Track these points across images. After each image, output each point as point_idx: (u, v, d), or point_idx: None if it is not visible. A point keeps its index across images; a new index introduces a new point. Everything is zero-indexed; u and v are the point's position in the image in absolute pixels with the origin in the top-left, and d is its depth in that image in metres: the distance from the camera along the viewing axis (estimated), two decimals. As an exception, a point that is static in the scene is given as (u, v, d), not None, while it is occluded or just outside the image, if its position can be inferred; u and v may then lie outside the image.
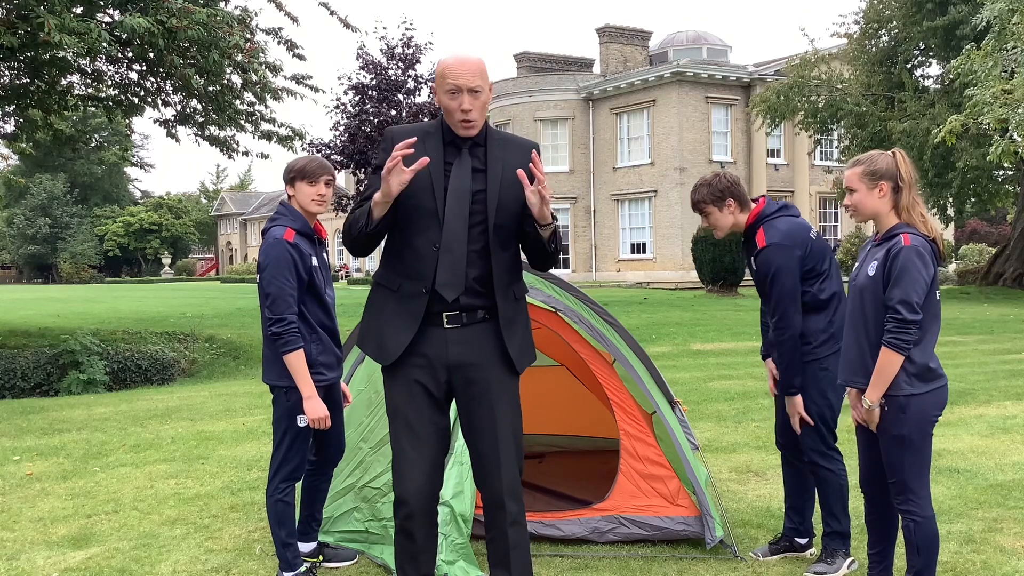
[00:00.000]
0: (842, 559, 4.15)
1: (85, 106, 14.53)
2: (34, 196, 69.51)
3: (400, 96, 25.29)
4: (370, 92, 25.02)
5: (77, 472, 6.40)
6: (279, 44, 13.02)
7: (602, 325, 4.98)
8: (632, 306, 21.00)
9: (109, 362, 13.15)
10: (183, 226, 74.70)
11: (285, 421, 3.99)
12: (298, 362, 3.87)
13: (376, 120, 24.60)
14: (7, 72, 13.19)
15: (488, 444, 3.16)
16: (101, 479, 6.18)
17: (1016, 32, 17.02)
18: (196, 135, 14.21)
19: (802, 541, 4.38)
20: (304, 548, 4.25)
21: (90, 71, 13.31)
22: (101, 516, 5.26)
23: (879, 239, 3.55)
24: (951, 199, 27.28)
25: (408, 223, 3.10)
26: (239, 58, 11.24)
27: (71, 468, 6.54)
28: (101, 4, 11.19)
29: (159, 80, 13.10)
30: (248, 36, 11.71)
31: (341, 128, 25.10)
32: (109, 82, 13.79)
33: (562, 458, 6.24)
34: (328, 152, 24.61)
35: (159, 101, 13.79)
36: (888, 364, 3.39)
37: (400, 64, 25.32)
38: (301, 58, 13.34)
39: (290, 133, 14.07)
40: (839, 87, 27.88)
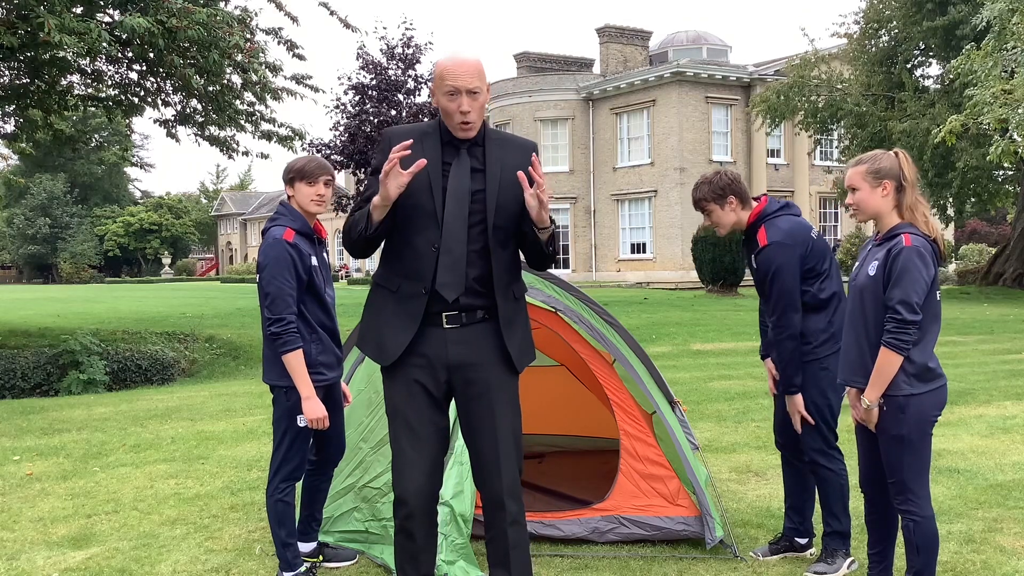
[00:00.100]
0: (842, 559, 4.15)
1: (85, 106, 14.53)
2: (34, 196, 69.53)
3: (400, 96, 25.32)
4: (370, 92, 25.04)
5: (77, 472, 6.40)
6: (279, 44, 13.05)
7: (602, 325, 4.98)
8: (632, 306, 21.00)
9: (109, 362, 13.15)
10: (183, 226, 74.71)
11: (285, 421, 3.99)
12: (297, 362, 3.87)
13: (376, 120, 24.62)
14: (7, 72, 13.19)
15: (488, 444, 3.16)
16: (101, 479, 6.18)
17: (1016, 32, 17.01)
18: (196, 135, 14.22)
19: (802, 541, 4.38)
20: (304, 548, 4.25)
21: (90, 71, 13.31)
22: (101, 516, 5.26)
23: (880, 239, 3.55)
24: (951, 199, 27.28)
25: (407, 223, 3.10)
26: (239, 58, 11.24)
27: (71, 468, 6.54)
28: (101, 4, 11.19)
29: (159, 80, 13.11)
30: (248, 36, 11.71)
31: (341, 128, 25.13)
32: (109, 82, 13.79)
33: (562, 458, 6.24)
34: (328, 152, 24.63)
35: (159, 101, 13.79)
36: (887, 364, 3.39)
37: (400, 64, 25.34)
38: (301, 58, 13.36)
39: (290, 133, 14.08)
40: (839, 87, 27.87)
